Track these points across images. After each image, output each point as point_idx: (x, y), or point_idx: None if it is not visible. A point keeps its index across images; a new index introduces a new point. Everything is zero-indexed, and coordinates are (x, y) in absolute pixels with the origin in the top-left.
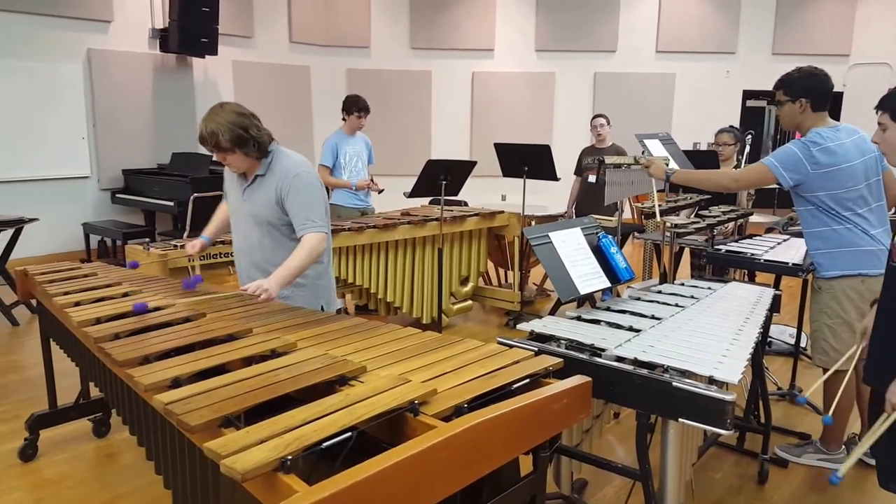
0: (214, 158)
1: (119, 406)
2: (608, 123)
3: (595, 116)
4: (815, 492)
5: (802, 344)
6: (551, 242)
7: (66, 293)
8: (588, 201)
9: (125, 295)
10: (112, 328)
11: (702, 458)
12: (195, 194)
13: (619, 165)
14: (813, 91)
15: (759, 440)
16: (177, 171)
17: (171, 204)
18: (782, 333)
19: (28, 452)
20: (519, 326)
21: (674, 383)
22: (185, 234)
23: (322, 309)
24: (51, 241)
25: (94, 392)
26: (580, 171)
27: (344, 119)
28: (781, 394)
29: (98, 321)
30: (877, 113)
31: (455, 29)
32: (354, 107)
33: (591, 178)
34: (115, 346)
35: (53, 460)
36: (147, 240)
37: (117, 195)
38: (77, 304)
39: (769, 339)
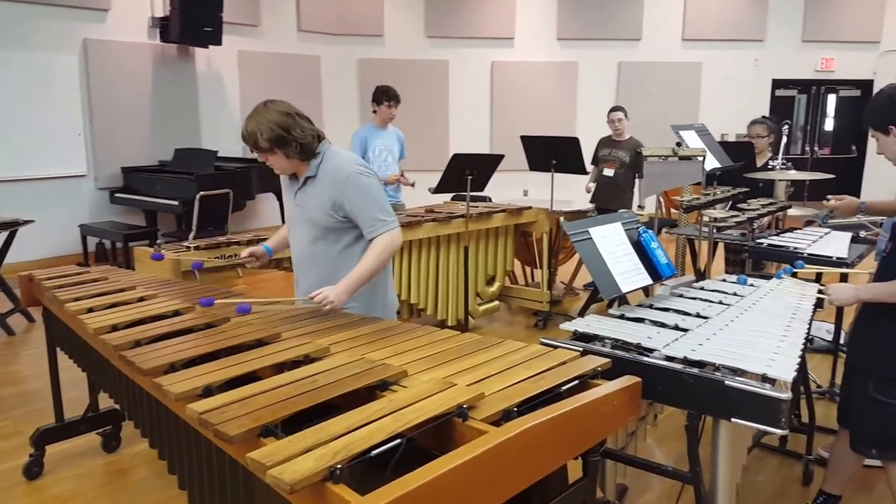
0: (258, 158)
1: (138, 417)
2: (626, 117)
3: (612, 110)
4: (861, 492)
5: (841, 340)
6: (591, 238)
7: (77, 299)
8: (602, 195)
9: (141, 300)
10: (131, 335)
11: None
12: (201, 192)
13: (659, 157)
14: None
15: (801, 441)
16: (180, 168)
17: (176, 203)
18: (819, 330)
19: (33, 470)
20: (562, 326)
21: (726, 382)
22: (192, 236)
23: None
24: (45, 244)
25: (104, 404)
26: (596, 161)
27: (374, 111)
28: (821, 392)
29: (115, 328)
30: (867, 130)
31: (473, 16)
32: (384, 97)
33: (608, 172)
34: (138, 353)
35: (61, 477)
36: (160, 242)
37: (116, 194)
38: (90, 310)
39: (810, 337)
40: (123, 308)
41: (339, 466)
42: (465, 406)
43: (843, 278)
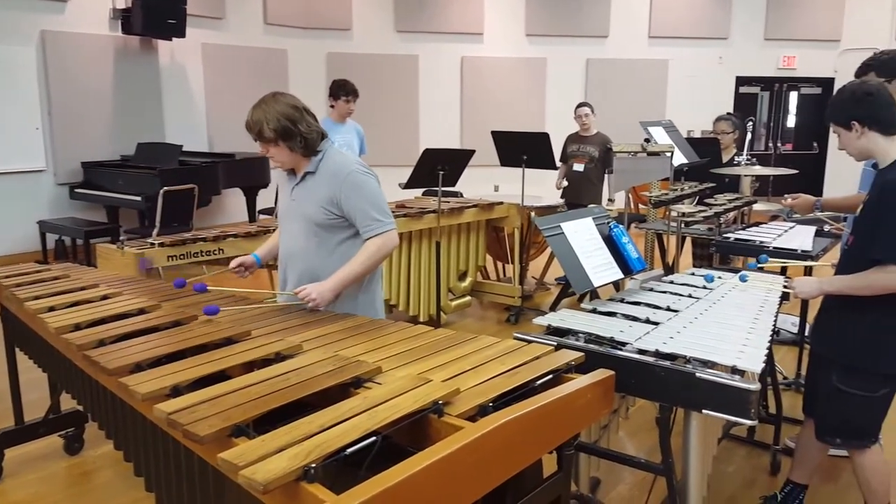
0: (259, 152)
1: (103, 419)
2: (593, 112)
3: (579, 105)
4: (828, 481)
5: (806, 333)
6: (563, 233)
7: (37, 297)
8: (573, 190)
9: (104, 298)
10: (95, 334)
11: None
12: (165, 188)
13: (629, 153)
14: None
15: (769, 431)
16: (143, 162)
17: (138, 199)
18: (784, 322)
19: None
20: (535, 321)
21: (697, 374)
22: (155, 232)
23: None
24: (2, 241)
25: (66, 405)
26: (565, 157)
27: (332, 106)
28: (787, 383)
29: (77, 327)
30: (828, 126)
31: (442, 11)
32: (342, 91)
33: (578, 167)
34: (102, 353)
35: (23, 481)
36: (123, 238)
37: (76, 190)
38: (51, 309)
39: (776, 329)
40: (86, 306)
41: (313, 465)
42: (440, 402)
43: (808, 271)
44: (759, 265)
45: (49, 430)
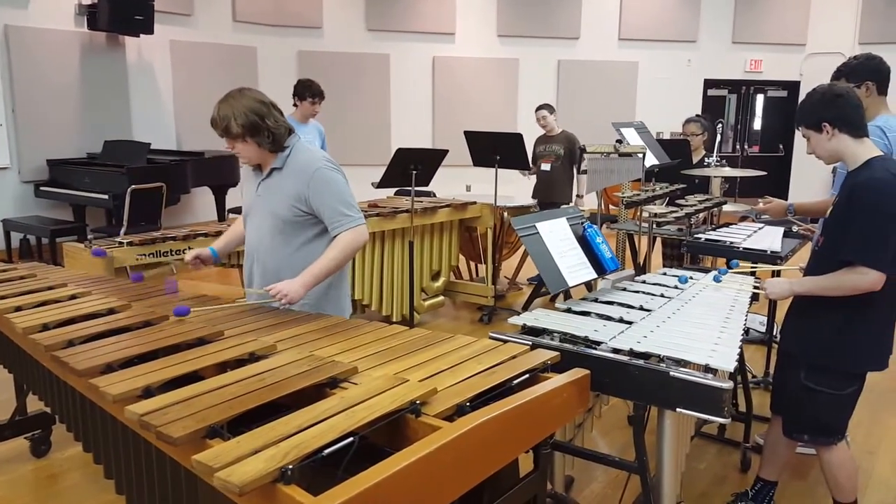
0: (226, 148)
1: (71, 420)
2: (550, 112)
3: (537, 109)
4: (797, 478)
5: (774, 332)
6: (538, 233)
7: (3, 297)
8: (543, 189)
9: (72, 297)
10: (64, 334)
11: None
12: (132, 186)
13: (601, 154)
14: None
15: (739, 429)
16: (110, 160)
17: (105, 197)
18: (753, 321)
19: None
20: (510, 320)
21: (671, 373)
22: (122, 231)
23: None
24: None
25: (32, 407)
26: (535, 159)
27: (295, 105)
28: (756, 381)
29: (46, 327)
30: (798, 129)
31: (414, 11)
32: (308, 92)
33: (545, 167)
34: (71, 354)
35: None
36: (90, 237)
37: (42, 188)
38: (18, 308)
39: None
40: (54, 306)
41: (290, 467)
42: (417, 402)
43: (777, 272)
44: (730, 269)
45: (15, 432)
